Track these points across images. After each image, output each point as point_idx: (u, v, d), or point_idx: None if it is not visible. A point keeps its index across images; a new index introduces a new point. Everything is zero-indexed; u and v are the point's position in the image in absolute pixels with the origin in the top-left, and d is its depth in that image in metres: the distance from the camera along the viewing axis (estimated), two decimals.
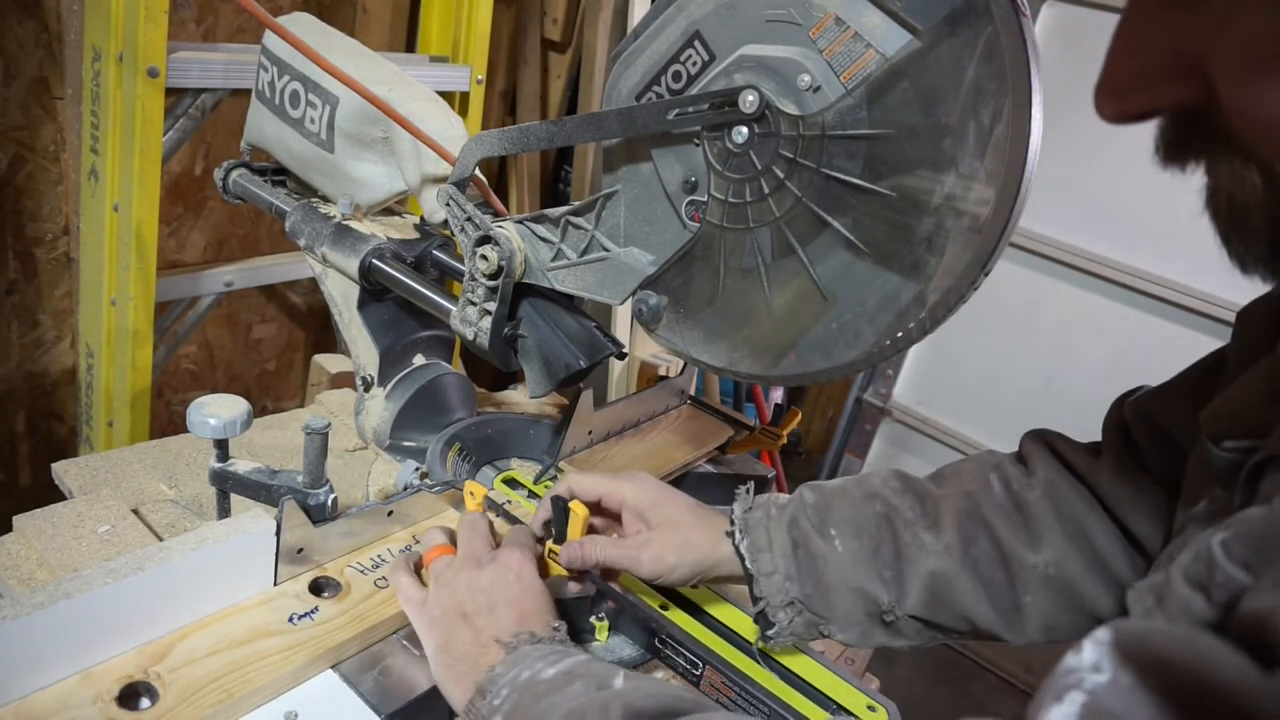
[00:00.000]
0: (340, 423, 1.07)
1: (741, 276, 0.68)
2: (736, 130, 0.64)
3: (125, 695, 0.62)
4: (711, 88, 0.65)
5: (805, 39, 0.60)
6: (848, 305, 0.63)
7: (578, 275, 0.80)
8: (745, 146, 0.64)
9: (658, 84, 0.68)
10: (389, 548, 0.82)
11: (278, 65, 0.97)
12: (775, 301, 0.66)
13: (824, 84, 0.60)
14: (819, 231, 0.63)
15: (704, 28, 0.64)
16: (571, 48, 2.08)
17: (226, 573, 0.71)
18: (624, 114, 0.70)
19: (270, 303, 1.91)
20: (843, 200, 0.61)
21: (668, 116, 0.67)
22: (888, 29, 0.56)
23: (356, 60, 0.93)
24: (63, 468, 0.94)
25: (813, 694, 0.72)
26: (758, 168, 0.64)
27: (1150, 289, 2.13)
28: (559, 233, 0.79)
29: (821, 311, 0.64)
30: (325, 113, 0.93)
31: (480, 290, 0.82)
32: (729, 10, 0.63)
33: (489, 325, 0.82)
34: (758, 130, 0.63)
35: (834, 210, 0.61)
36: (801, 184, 0.62)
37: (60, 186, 1.45)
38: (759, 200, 0.65)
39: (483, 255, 0.79)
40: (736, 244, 0.68)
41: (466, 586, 0.70)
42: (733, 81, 0.63)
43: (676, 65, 0.67)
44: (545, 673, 0.60)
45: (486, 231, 0.80)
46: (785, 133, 0.62)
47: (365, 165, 0.95)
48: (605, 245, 0.77)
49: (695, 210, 0.70)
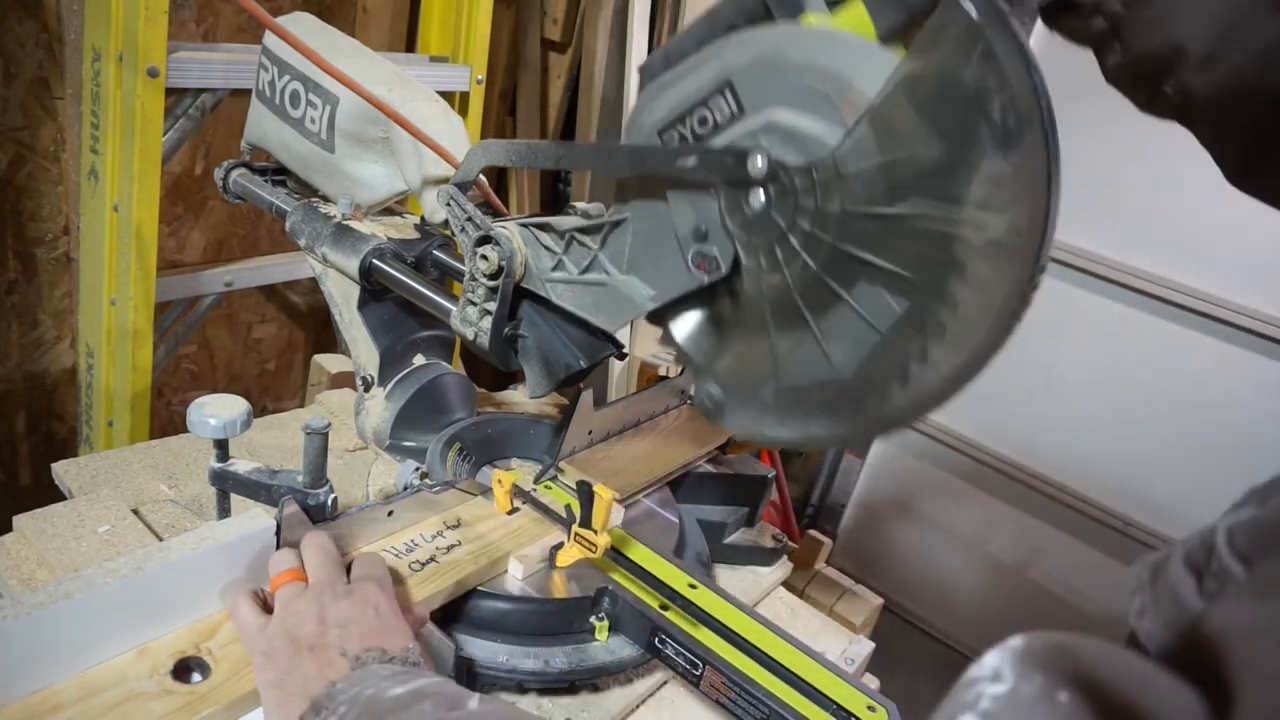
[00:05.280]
0: (340, 423, 1.07)
1: (793, 339, 0.64)
2: (753, 195, 0.63)
3: (178, 669, 0.65)
4: (733, 142, 0.63)
5: (837, 117, 0.58)
6: (904, 330, 0.58)
7: (575, 292, 0.79)
8: (765, 210, 0.63)
9: (682, 124, 0.66)
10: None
11: (278, 65, 0.97)
12: (835, 355, 0.62)
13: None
14: (861, 272, 0.59)
15: (738, 80, 0.62)
16: (571, 48, 2.08)
17: (228, 573, 0.71)
18: (635, 151, 0.68)
19: (270, 303, 1.91)
20: (877, 237, 0.58)
21: (677, 162, 0.66)
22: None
23: (357, 60, 0.93)
24: (63, 468, 0.94)
25: (813, 694, 0.72)
26: (782, 226, 0.62)
27: (1151, 289, 2.13)
28: (563, 245, 0.78)
29: (894, 341, 0.59)
30: (325, 113, 0.93)
31: (480, 290, 0.82)
32: (766, 68, 0.60)
33: (489, 325, 0.82)
34: (773, 191, 0.62)
35: (872, 249, 0.58)
36: (832, 230, 0.60)
37: (60, 186, 1.45)
38: (792, 257, 0.62)
39: (483, 255, 0.79)
40: (779, 306, 0.64)
41: (317, 618, 0.64)
42: (757, 143, 0.61)
43: (704, 110, 0.64)
44: (392, 690, 0.56)
45: (487, 231, 0.80)
46: (801, 185, 0.60)
47: (365, 165, 0.95)
48: (607, 269, 0.76)
49: (701, 260, 0.69)
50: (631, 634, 0.81)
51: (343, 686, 0.58)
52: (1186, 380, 2.08)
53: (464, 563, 0.81)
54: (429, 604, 0.76)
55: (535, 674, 0.78)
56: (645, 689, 0.83)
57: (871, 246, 0.58)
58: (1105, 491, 2.27)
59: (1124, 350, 2.21)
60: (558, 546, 0.85)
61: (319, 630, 0.63)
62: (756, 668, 0.74)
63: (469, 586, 0.81)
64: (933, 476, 2.55)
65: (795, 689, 0.73)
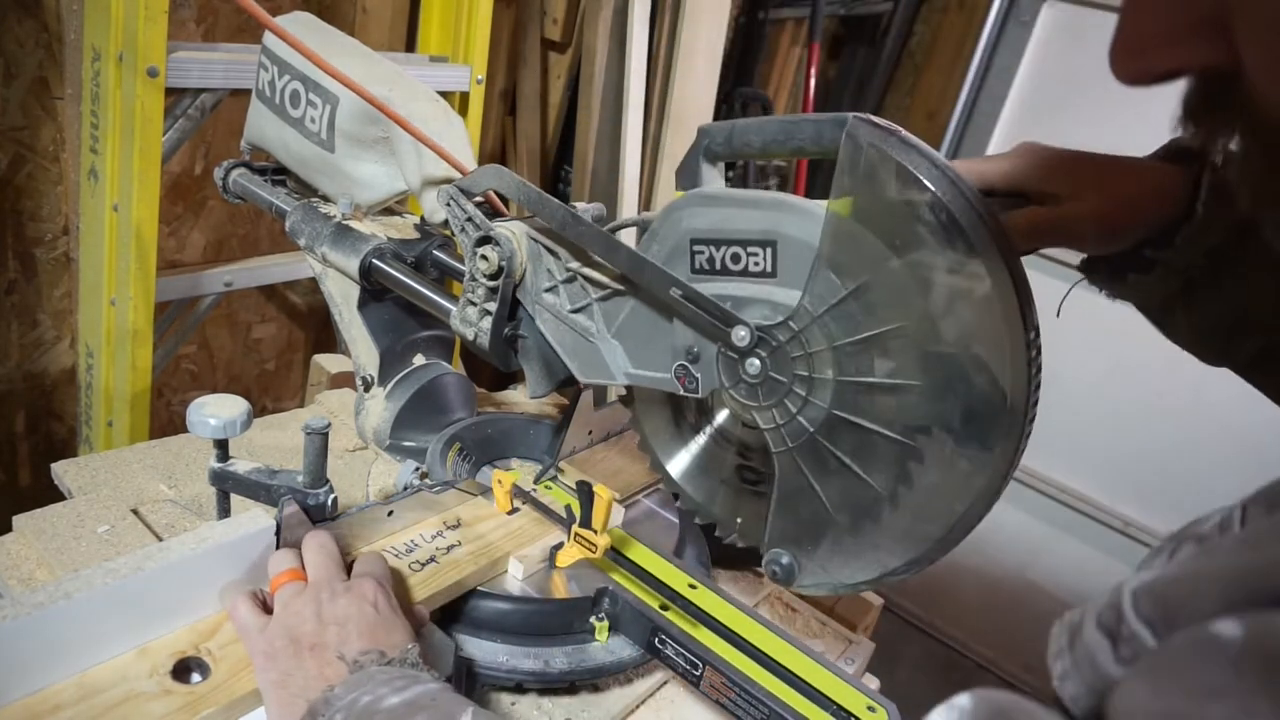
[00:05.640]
0: (340, 423, 1.07)
1: (838, 482, 0.64)
2: (748, 363, 0.65)
3: (178, 669, 0.65)
4: (748, 310, 0.64)
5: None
6: (951, 432, 0.58)
7: (558, 326, 0.79)
8: (763, 371, 0.65)
9: (716, 248, 0.66)
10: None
11: (278, 65, 0.97)
12: (880, 484, 0.62)
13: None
14: (874, 395, 0.60)
15: (782, 246, 0.62)
16: (571, 48, 2.08)
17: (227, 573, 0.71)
18: (635, 260, 0.69)
19: (270, 303, 1.90)
20: (870, 357, 0.59)
21: (669, 292, 0.67)
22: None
23: (356, 60, 0.93)
24: (62, 468, 0.94)
25: (813, 694, 0.72)
26: (784, 380, 0.64)
27: None
28: (564, 276, 0.78)
29: (926, 452, 0.60)
30: (325, 112, 0.93)
31: (480, 290, 0.82)
32: (811, 255, 0.60)
33: (489, 325, 0.82)
34: (762, 352, 0.64)
35: (872, 369, 0.60)
36: (831, 366, 0.61)
37: (60, 186, 1.45)
38: (804, 404, 0.64)
39: (483, 255, 0.79)
40: (811, 455, 0.65)
41: (316, 617, 0.64)
42: (773, 318, 0.63)
43: (738, 249, 0.65)
44: (388, 700, 0.55)
45: (487, 232, 0.80)
46: (784, 340, 0.63)
47: (365, 165, 0.95)
48: (596, 323, 0.76)
49: (684, 375, 0.70)
50: (631, 634, 0.81)
51: (340, 692, 0.57)
52: (1186, 381, 2.08)
53: (464, 563, 0.81)
54: (429, 604, 0.76)
55: (535, 674, 0.78)
56: (645, 689, 0.83)
57: (874, 367, 0.59)
58: (1105, 491, 2.27)
59: (1124, 350, 2.21)
60: (558, 547, 0.85)
61: (318, 629, 0.63)
62: (756, 668, 0.74)
63: (469, 586, 0.81)
64: None
65: (795, 689, 0.73)
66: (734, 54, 2.49)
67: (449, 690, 0.59)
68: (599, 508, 0.78)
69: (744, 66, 2.52)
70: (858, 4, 2.72)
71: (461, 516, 0.88)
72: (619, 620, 0.82)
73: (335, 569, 0.70)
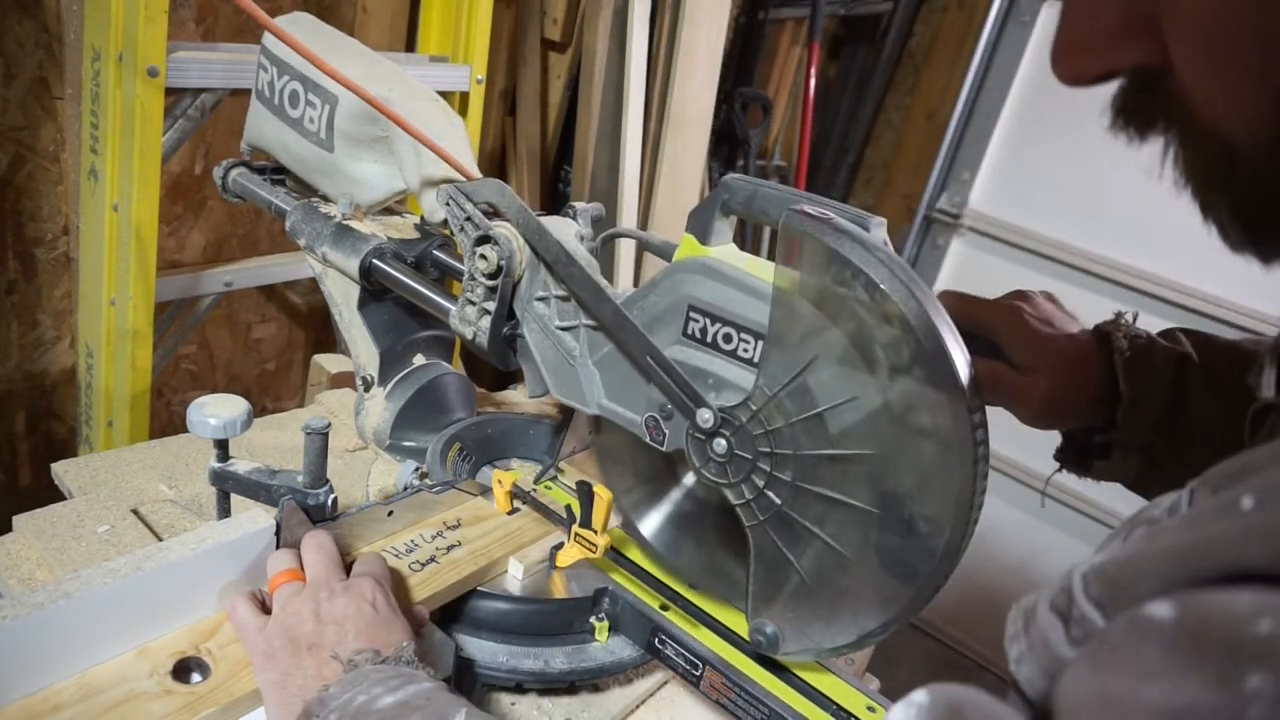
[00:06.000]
0: (340, 423, 1.07)
1: (809, 550, 0.66)
2: (716, 443, 0.68)
3: (178, 670, 0.65)
4: (727, 393, 0.66)
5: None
6: (908, 497, 0.61)
7: (544, 338, 0.80)
8: (730, 450, 0.67)
9: (712, 322, 0.67)
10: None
11: (277, 65, 0.97)
12: (852, 549, 0.64)
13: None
14: (833, 466, 0.63)
15: (771, 346, 0.64)
16: (571, 48, 2.08)
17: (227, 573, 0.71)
18: (619, 318, 0.71)
19: (270, 303, 1.90)
20: (822, 422, 0.62)
21: (646, 358, 0.69)
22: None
23: (356, 60, 0.93)
24: (62, 468, 0.94)
25: (812, 695, 0.72)
26: (749, 457, 0.66)
27: (1150, 289, 2.13)
28: (558, 291, 0.78)
29: (887, 517, 0.62)
30: (324, 113, 0.93)
31: (479, 290, 0.82)
32: (795, 359, 0.62)
33: (488, 325, 0.82)
34: (727, 432, 0.67)
35: (832, 435, 0.62)
36: (791, 440, 0.64)
37: (60, 186, 1.45)
38: (769, 479, 0.66)
39: (482, 255, 0.79)
40: (782, 526, 0.67)
41: (314, 616, 0.64)
42: (740, 417, 0.65)
43: (731, 331, 0.66)
44: (382, 700, 0.55)
45: (486, 231, 0.80)
46: (745, 419, 0.65)
47: (365, 165, 0.95)
48: (580, 346, 0.78)
49: (653, 426, 0.72)
50: (631, 634, 0.81)
51: (335, 691, 0.57)
52: None
53: (464, 563, 0.81)
54: (429, 604, 0.76)
55: (535, 674, 0.78)
56: (645, 689, 0.83)
57: (833, 437, 0.62)
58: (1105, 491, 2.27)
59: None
60: (558, 547, 0.85)
61: (316, 628, 0.63)
62: (756, 668, 0.74)
63: (469, 587, 0.81)
64: None
65: (795, 689, 0.73)
66: (734, 54, 2.49)
67: (444, 690, 0.59)
68: (599, 508, 0.78)
69: (744, 66, 2.52)
70: (858, 4, 2.72)
71: (461, 517, 0.88)
72: (619, 620, 0.82)
73: (334, 569, 0.70)
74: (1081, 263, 2.21)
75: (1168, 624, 0.28)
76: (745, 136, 2.47)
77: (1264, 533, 0.28)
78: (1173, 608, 0.29)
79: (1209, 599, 0.28)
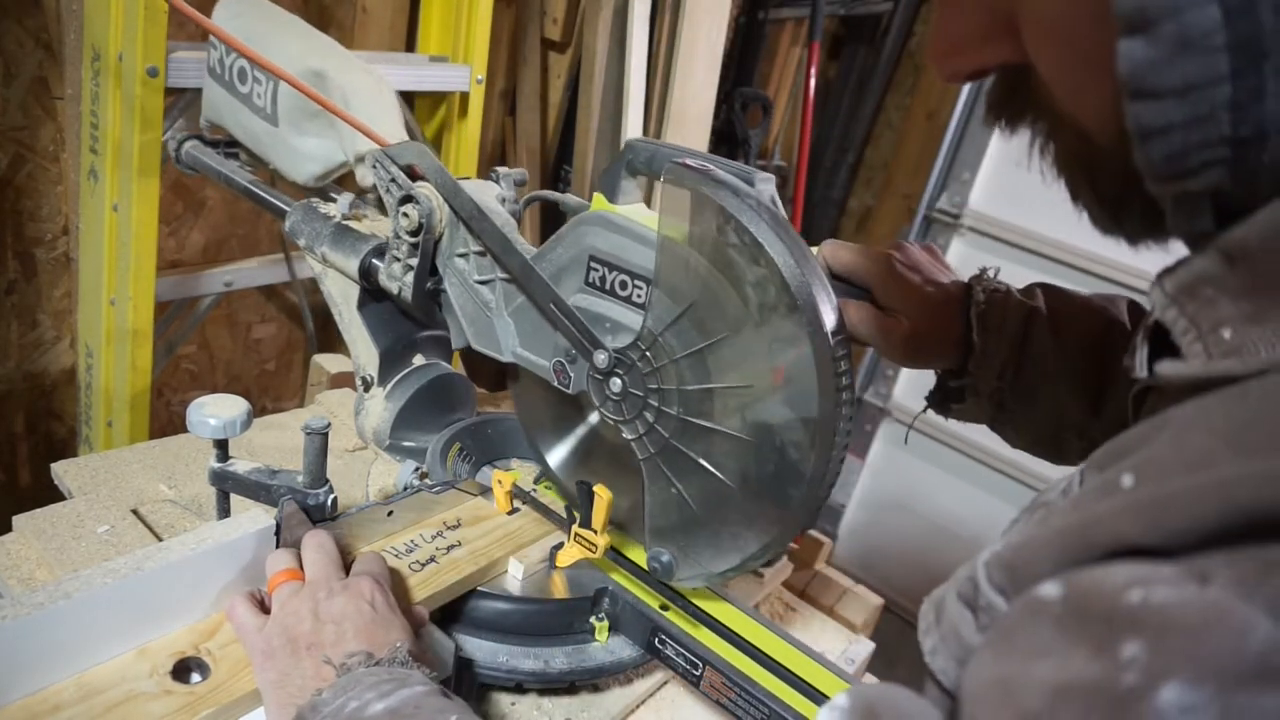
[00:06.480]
0: (340, 423, 1.07)
1: (696, 480, 0.71)
2: (611, 383, 0.73)
3: (178, 670, 0.65)
4: (623, 336, 0.71)
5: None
6: (779, 426, 0.65)
7: (463, 291, 0.86)
8: (624, 389, 0.72)
9: (610, 270, 0.72)
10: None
11: (225, 43, 1.02)
12: (732, 477, 0.69)
13: None
14: (713, 396, 0.67)
15: (657, 289, 0.68)
16: (571, 48, 2.08)
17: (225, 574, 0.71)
18: (526, 268, 0.76)
19: (270, 303, 1.90)
20: (703, 358, 0.67)
21: (548, 305, 0.75)
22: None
23: (293, 37, 0.99)
24: (62, 468, 0.94)
25: (813, 694, 0.72)
26: (640, 394, 0.71)
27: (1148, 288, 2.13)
28: (478, 248, 0.83)
29: (761, 445, 0.66)
30: (269, 89, 1.00)
31: (404, 247, 0.87)
32: (677, 301, 0.67)
33: (411, 280, 0.86)
34: (620, 371, 0.72)
35: (709, 377, 0.67)
36: (676, 376, 0.69)
37: (60, 186, 1.45)
38: (659, 414, 0.71)
39: (404, 213, 0.85)
40: (671, 459, 0.72)
41: (313, 615, 0.64)
42: (632, 357, 0.70)
43: (627, 278, 0.71)
44: (373, 707, 0.55)
45: (409, 191, 0.85)
46: (635, 358, 0.71)
47: (307, 139, 1.01)
48: (497, 298, 0.83)
49: (560, 370, 0.77)
50: (631, 634, 0.81)
51: (327, 697, 0.57)
52: None
53: (464, 563, 0.81)
54: (429, 604, 0.76)
55: (535, 674, 0.78)
56: (645, 689, 0.83)
57: (715, 369, 0.67)
58: None
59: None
60: (558, 547, 0.85)
61: (315, 628, 0.63)
62: (756, 668, 0.74)
63: (469, 587, 0.81)
64: (933, 476, 2.55)
65: (795, 689, 0.73)
66: (734, 54, 2.49)
67: (436, 693, 0.58)
68: (599, 508, 0.78)
69: (744, 66, 2.52)
70: (858, 4, 2.72)
71: (461, 517, 0.88)
72: (619, 620, 0.82)
73: (333, 568, 0.70)
74: (1081, 263, 2.21)
75: (1055, 603, 0.29)
76: (745, 136, 2.47)
77: (1139, 508, 0.29)
78: (1060, 586, 0.30)
79: (1090, 575, 0.29)
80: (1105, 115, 0.36)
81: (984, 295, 0.76)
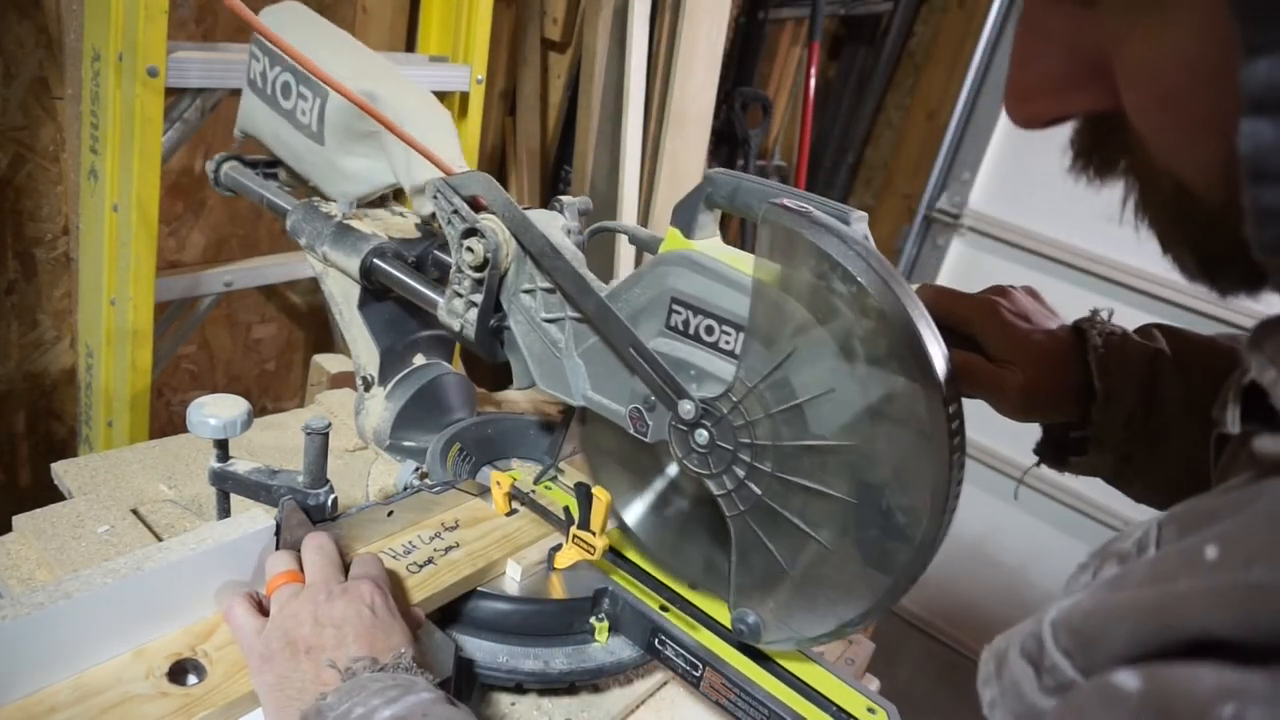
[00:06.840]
0: (340, 423, 1.07)
1: (789, 541, 0.67)
2: (697, 434, 0.68)
3: (174, 671, 0.65)
4: (708, 385, 0.67)
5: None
6: (885, 488, 0.61)
7: (530, 330, 0.81)
8: (710, 443, 0.68)
9: (694, 314, 0.67)
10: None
11: (269, 56, 0.97)
12: (831, 539, 0.64)
13: None
14: (813, 457, 0.63)
15: (751, 338, 0.64)
16: (571, 48, 2.08)
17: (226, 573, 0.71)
18: (603, 310, 0.71)
19: (270, 303, 1.90)
20: (801, 413, 0.62)
21: (627, 350, 0.70)
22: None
23: (345, 55, 0.93)
24: (62, 468, 0.94)
25: (812, 696, 0.72)
26: (730, 448, 0.67)
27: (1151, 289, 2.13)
28: (546, 283, 0.79)
29: (864, 507, 0.62)
30: (316, 105, 0.94)
31: (467, 282, 0.82)
32: (774, 351, 0.62)
33: (475, 317, 0.82)
34: (708, 424, 0.67)
35: (810, 427, 0.62)
36: (771, 431, 0.64)
37: (60, 186, 1.45)
38: (750, 470, 0.66)
39: (469, 247, 0.80)
40: (763, 516, 0.67)
41: (313, 619, 0.63)
42: (721, 409, 0.66)
43: (713, 323, 0.66)
44: (380, 713, 0.54)
45: (473, 224, 0.80)
46: (726, 411, 0.66)
47: (355, 159, 0.96)
48: (566, 338, 0.78)
49: (637, 417, 0.73)
50: (631, 635, 0.81)
51: (332, 701, 0.56)
52: None
53: (463, 564, 0.81)
54: (426, 606, 0.76)
55: (535, 674, 0.78)
56: (645, 690, 0.83)
57: (807, 428, 0.62)
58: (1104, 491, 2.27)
59: None
60: (556, 548, 0.85)
61: (315, 631, 0.63)
62: (756, 669, 0.74)
63: (467, 589, 0.81)
64: None
65: (795, 690, 0.73)
66: (734, 54, 2.49)
67: (442, 700, 0.58)
68: (597, 509, 0.78)
69: (744, 66, 2.52)
70: (858, 4, 2.72)
71: (460, 518, 0.88)
72: (619, 621, 0.82)
73: (333, 571, 0.70)
74: (1081, 263, 2.21)
75: (1133, 696, 0.28)
76: (745, 136, 2.47)
77: (1227, 596, 0.28)
78: (1139, 679, 0.29)
79: (1173, 674, 0.28)
80: (1212, 179, 0.34)
81: (1100, 340, 0.71)
